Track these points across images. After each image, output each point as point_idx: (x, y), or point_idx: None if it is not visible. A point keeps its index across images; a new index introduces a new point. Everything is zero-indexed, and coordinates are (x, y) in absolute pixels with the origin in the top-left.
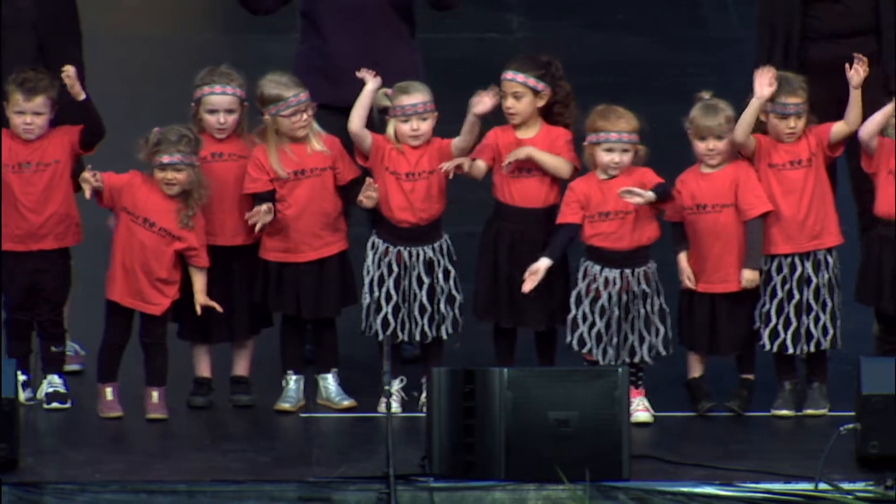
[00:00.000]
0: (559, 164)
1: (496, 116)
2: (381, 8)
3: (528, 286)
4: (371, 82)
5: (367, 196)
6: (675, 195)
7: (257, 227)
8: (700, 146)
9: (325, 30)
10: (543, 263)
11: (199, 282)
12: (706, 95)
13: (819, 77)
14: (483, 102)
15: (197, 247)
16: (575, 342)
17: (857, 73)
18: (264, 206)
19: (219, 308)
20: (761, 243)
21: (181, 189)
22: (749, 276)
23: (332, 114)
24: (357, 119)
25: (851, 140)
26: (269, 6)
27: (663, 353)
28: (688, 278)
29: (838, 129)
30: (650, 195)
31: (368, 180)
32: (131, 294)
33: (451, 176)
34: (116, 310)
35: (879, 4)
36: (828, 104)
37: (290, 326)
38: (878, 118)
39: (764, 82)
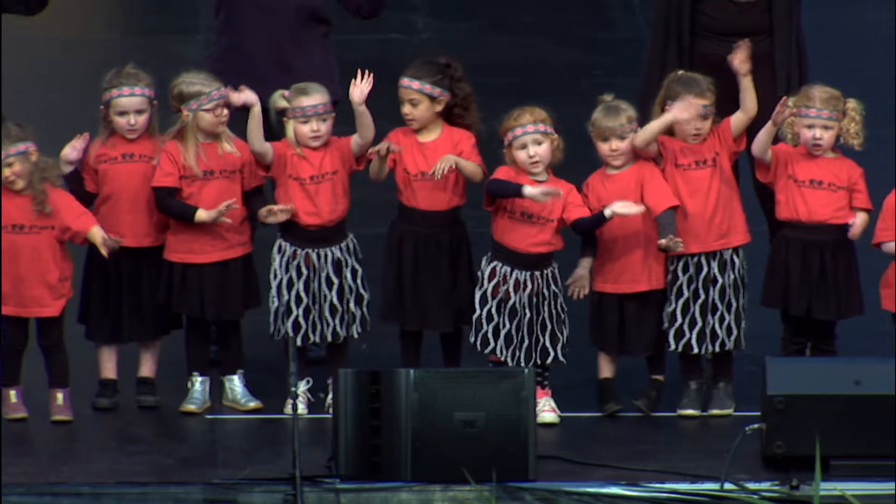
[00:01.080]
0: (476, 170)
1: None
2: (297, 8)
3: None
4: (256, 105)
5: (271, 211)
6: (582, 199)
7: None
8: (603, 147)
9: (241, 29)
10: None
11: (97, 237)
12: (608, 98)
13: (710, 74)
14: (360, 90)
15: (69, 225)
16: (479, 343)
17: (741, 62)
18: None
19: (121, 241)
20: (674, 225)
21: (24, 182)
22: (663, 244)
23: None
24: (256, 139)
25: (750, 153)
26: None
27: (565, 352)
28: (574, 294)
29: (737, 119)
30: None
31: (280, 207)
32: (22, 304)
33: (381, 153)
34: (9, 319)
35: (773, 5)
36: (721, 101)
37: (196, 328)
38: (763, 136)
39: (684, 108)
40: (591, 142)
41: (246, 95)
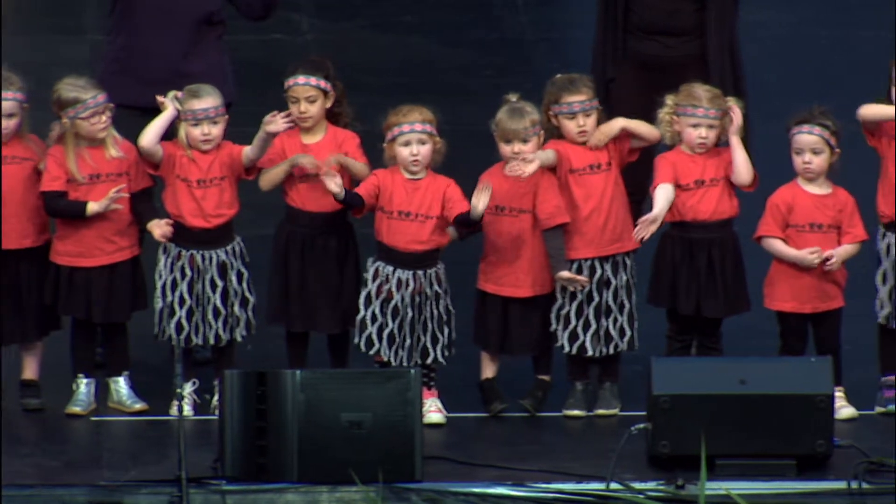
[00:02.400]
0: (364, 171)
1: None
2: (191, 9)
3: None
4: (171, 108)
5: (158, 227)
6: (461, 194)
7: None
8: (505, 149)
9: (136, 30)
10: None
11: None
12: (513, 98)
13: (635, 71)
14: (276, 123)
15: None
16: (363, 343)
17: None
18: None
19: None
20: (563, 249)
21: None
22: (564, 276)
23: (143, 115)
24: (152, 137)
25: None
26: None
27: (446, 353)
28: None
29: (636, 141)
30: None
31: (168, 222)
32: None
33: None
34: None
35: (706, 6)
36: (639, 99)
37: (81, 330)
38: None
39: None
40: (478, 141)
41: (171, 109)
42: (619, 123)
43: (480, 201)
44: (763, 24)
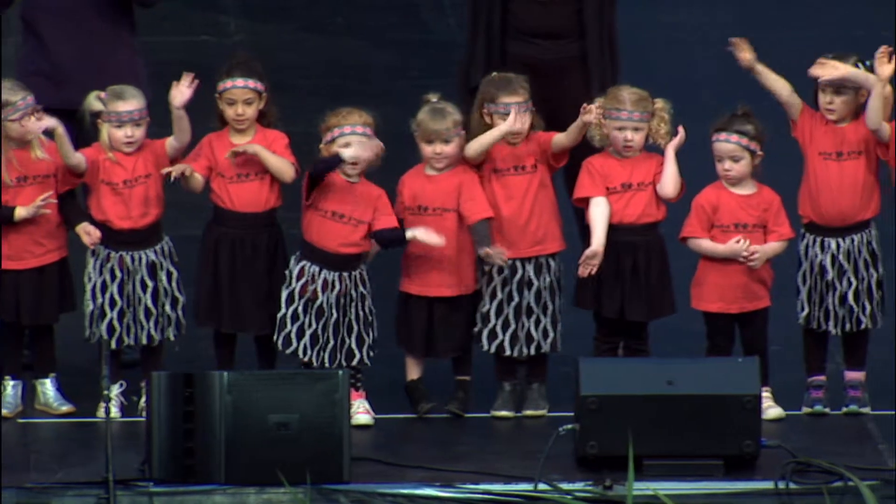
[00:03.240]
0: (283, 165)
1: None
2: (95, 9)
3: None
4: (59, 127)
5: (87, 235)
6: (389, 206)
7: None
8: (427, 149)
9: (42, 32)
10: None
11: None
12: (433, 98)
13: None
14: (182, 93)
15: None
16: (281, 342)
17: (590, 111)
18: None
19: None
20: (489, 235)
21: None
22: (488, 250)
23: (59, 116)
24: (69, 156)
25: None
26: None
27: (371, 354)
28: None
29: (559, 141)
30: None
31: (92, 229)
32: None
33: (172, 180)
34: None
35: (584, 8)
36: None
37: (8, 331)
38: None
39: (514, 119)
40: (407, 144)
41: (45, 122)
42: (558, 140)
43: (430, 237)
44: (692, 25)
